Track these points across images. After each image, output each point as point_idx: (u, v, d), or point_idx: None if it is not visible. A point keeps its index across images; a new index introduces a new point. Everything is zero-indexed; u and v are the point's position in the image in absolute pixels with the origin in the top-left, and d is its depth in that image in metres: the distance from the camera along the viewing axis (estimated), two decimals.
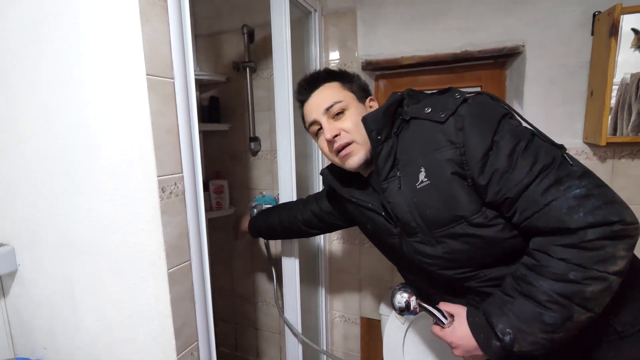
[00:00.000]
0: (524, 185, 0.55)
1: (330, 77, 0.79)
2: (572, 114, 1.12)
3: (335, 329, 1.55)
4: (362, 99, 0.79)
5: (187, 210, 0.74)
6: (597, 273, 0.51)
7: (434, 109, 0.64)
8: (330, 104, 0.75)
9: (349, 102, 0.76)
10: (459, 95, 0.63)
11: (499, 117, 0.59)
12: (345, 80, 0.79)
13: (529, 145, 0.56)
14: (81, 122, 0.73)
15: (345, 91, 0.77)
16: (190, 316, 0.77)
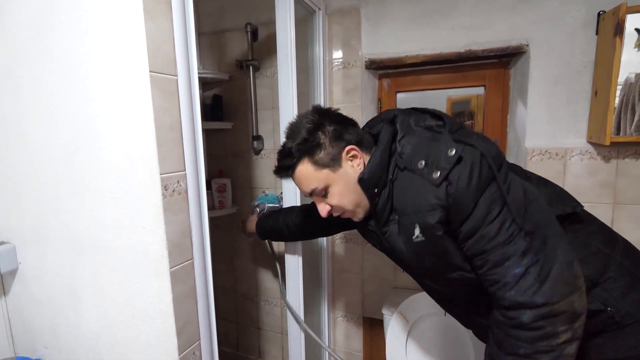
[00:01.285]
0: (483, 251, 0.61)
1: (297, 155, 0.71)
2: (576, 114, 1.11)
3: (337, 328, 1.54)
4: (337, 161, 0.71)
5: (190, 208, 0.73)
6: (545, 348, 0.56)
7: (428, 164, 0.63)
8: (310, 191, 0.74)
9: (326, 180, 0.71)
10: (453, 151, 0.60)
11: (486, 184, 0.61)
12: (315, 150, 0.70)
13: (496, 217, 0.60)
14: (85, 120, 0.72)
15: (319, 170, 0.71)
16: (193, 315, 0.76)
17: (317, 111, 0.74)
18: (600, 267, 0.65)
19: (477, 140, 0.63)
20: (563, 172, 1.13)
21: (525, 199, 0.62)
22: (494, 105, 1.30)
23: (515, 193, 0.61)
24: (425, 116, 0.71)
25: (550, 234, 0.60)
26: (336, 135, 0.71)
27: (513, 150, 1.26)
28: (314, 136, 0.71)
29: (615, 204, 1.09)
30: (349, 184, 0.72)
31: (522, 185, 0.64)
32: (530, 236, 0.58)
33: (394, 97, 1.42)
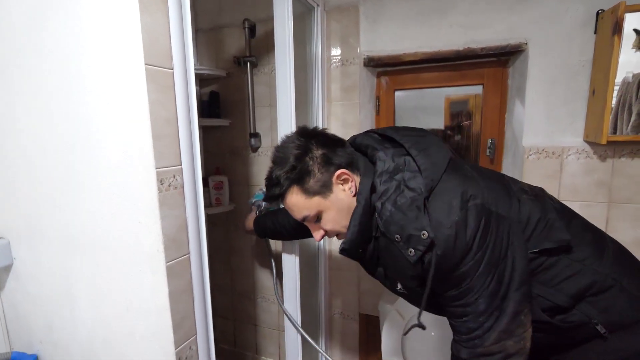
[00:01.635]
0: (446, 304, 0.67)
1: (286, 184, 0.70)
2: (574, 113, 1.11)
3: (334, 325, 1.54)
4: (328, 187, 0.69)
5: (186, 203, 0.73)
6: None
7: (403, 239, 0.62)
8: (302, 218, 0.73)
9: (318, 207, 0.70)
10: (426, 234, 0.60)
11: (453, 268, 0.62)
12: (305, 178, 0.68)
13: (468, 284, 0.63)
14: (80, 114, 0.72)
15: (309, 199, 0.70)
16: (189, 310, 0.76)
17: (302, 134, 0.72)
18: (586, 284, 0.64)
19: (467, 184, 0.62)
20: (559, 170, 1.13)
21: (503, 251, 0.61)
22: (492, 104, 1.30)
23: (495, 248, 0.61)
24: (407, 160, 0.66)
25: (512, 289, 0.62)
26: (325, 160, 0.69)
27: (510, 149, 1.27)
28: (302, 163, 0.69)
29: (610, 202, 1.10)
30: (342, 209, 0.71)
31: (508, 232, 0.62)
32: (492, 296, 0.62)
33: (393, 96, 1.42)
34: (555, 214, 0.68)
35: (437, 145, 0.68)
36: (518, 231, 0.63)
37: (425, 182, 0.62)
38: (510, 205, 0.66)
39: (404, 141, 0.68)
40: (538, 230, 0.66)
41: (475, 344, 0.64)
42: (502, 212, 0.63)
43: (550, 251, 0.65)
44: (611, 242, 0.71)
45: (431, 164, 0.64)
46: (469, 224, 0.60)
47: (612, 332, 0.64)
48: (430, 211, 0.61)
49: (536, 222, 0.66)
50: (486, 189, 0.64)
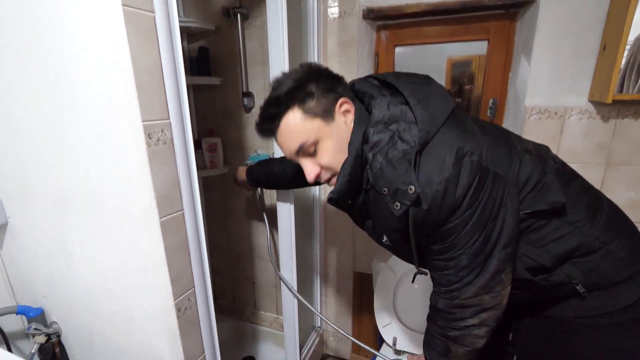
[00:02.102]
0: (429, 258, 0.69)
1: (286, 102, 0.65)
2: (581, 72, 1.06)
3: (329, 282, 1.60)
4: (330, 113, 0.65)
5: (177, 159, 0.71)
6: (454, 326, 0.69)
7: (390, 192, 0.61)
8: (298, 147, 0.66)
9: (318, 132, 0.65)
10: (412, 188, 0.58)
11: (438, 224, 0.61)
12: (307, 98, 0.64)
13: (452, 241, 0.63)
14: (57, 64, 0.67)
15: (310, 120, 0.64)
16: (186, 265, 0.77)
17: (305, 65, 0.69)
18: (573, 246, 0.64)
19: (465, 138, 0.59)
20: (560, 132, 1.11)
21: (495, 211, 0.60)
22: (496, 61, 1.24)
23: (487, 208, 0.59)
24: (405, 109, 0.62)
25: (497, 249, 0.61)
26: (328, 88, 0.66)
27: (512, 109, 1.23)
28: (305, 85, 0.65)
29: (607, 164, 1.09)
30: (341, 141, 0.66)
31: (503, 193, 0.60)
32: (475, 254, 0.62)
33: (392, 52, 1.35)
34: (554, 176, 0.66)
35: (439, 95, 0.64)
36: (513, 192, 0.62)
37: (419, 135, 0.59)
38: (510, 165, 0.63)
39: (403, 89, 0.63)
40: (534, 192, 0.64)
41: (453, 295, 0.66)
42: (500, 172, 0.61)
43: (543, 213, 0.64)
44: (608, 205, 0.70)
45: (429, 116, 0.60)
46: (460, 180, 0.57)
47: (591, 291, 0.65)
48: (421, 165, 0.59)
49: (534, 184, 0.64)
50: (486, 146, 0.61)
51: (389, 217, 0.64)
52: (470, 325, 0.67)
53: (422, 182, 0.58)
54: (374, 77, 0.71)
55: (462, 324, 0.67)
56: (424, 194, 0.58)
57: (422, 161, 0.59)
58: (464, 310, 0.66)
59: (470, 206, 0.59)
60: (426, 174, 0.58)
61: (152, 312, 0.78)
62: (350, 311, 1.60)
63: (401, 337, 1.26)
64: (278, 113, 0.66)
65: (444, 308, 0.69)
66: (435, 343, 0.73)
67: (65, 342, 1.01)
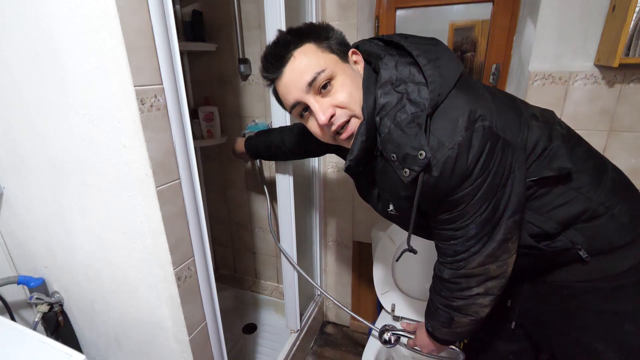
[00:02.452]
0: (436, 227, 0.68)
1: (300, 38, 0.61)
2: (588, 33, 1.02)
3: (328, 251, 1.62)
4: (344, 55, 0.63)
5: (172, 126, 0.69)
6: (459, 296, 0.69)
7: (398, 158, 0.59)
8: (313, 77, 0.59)
9: (334, 66, 0.60)
10: (423, 154, 0.55)
11: (449, 191, 0.59)
12: (321, 37, 0.61)
13: (462, 210, 0.61)
14: (44, 27, 0.63)
15: (324, 54, 0.61)
16: (185, 234, 0.77)
17: (317, 22, 0.67)
18: (577, 211, 0.63)
19: (477, 105, 0.56)
20: (563, 98, 1.08)
21: (504, 179, 0.59)
22: (500, 24, 1.19)
23: (497, 176, 0.58)
24: (413, 70, 0.59)
25: (505, 217, 0.61)
26: (342, 41, 0.65)
27: (515, 74, 1.19)
28: (320, 27, 0.63)
29: (610, 131, 1.07)
30: (356, 80, 0.62)
31: (511, 160, 0.59)
32: (484, 222, 0.61)
33: (394, 15, 1.28)
34: (560, 142, 0.64)
35: (449, 56, 0.60)
36: (521, 159, 0.60)
37: (430, 97, 0.56)
38: (519, 132, 0.61)
39: (411, 48, 0.60)
40: (541, 159, 0.63)
41: (460, 265, 0.66)
42: (509, 139, 0.58)
43: (549, 179, 0.62)
44: (612, 170, 0.69)
45: (440, 76, 0.57)
46: (472, 146, 0.55)
47: (593, 256, 0.65)
48: (432, 129, 0.56)
49: (541, 151, 0.63)
50: (496, 111, 0.59)
51: (397, 184, 0.63)
52: (475, 294, 0.67)
53: (433, 146, 0.56)
54: (378, 39, 0.67)
55: (467, 293, 0.67)
56: (434, 159, 0.56)
57: (433, 125, 0.56)
58: (469, 279, 0.66)
59: (481, 174, 0.57)
60: (437, 137, 0.56)
61: (153, 280, 0.78)
62: (350, 280, 1.64)
63: (400, 303, 1.29)
64: (289, 45, 0.61)
65: (449, 278, 0.68)
66: (439, 314, 0.73)
67: (68, 310, 1.03)
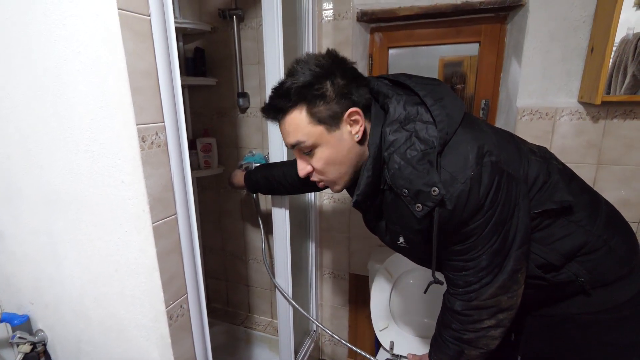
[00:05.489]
0: (447, 259, 0.68)
1: (295, 99, 0.62)
2: (570, 72, 1.08)
3: (324, 284, 1.59)
4: (336, 119, 0.63)
5: (171, 161, 0.69)
6: (471, 329, 0.68)
7: (410, 194, 0.60)
8: (295, 143, 0.65)
9: (318, 138, 0.64)
10: (436, 190, 0.57)
11: (462, 224, 0.61)
12: (317, 100, 0.61)
13: (474, 241, 0.63)
14: (51, 65, 0.65)
15: (312, 125, 0.63)
16: (179, 270, 0.75)
17: (331, 56, 0.64)
18: (578, 244, 0.65)
19: (482, 141, 0.59)
20: (551, 132, 1.12)
21: (511, 211, 0.61)
22: (487, 62, 1.25)
23: (505, 208, 0.60)
24: (420, 109, 0.61)
25: (514, 248, 0.62)
26: (344, 92, 0.63)
27: (504, 110, 1.24)
28: (320, 83, 0.62)
29: (599, 164, 1.11)
30: (340, 152, 0.65)
31: (516, 193, 0.61)
32: (495, 254, 0.62)
33: (386, 53, 1.35)
34: (558, 175, 0.67)
35: (452, 96, 0.64)
36: (524, 191, 0.63)
37: (439, 135, 0.58)
38: (520, 165, 0.64)
39: (418, 89, 0.63)
40: (542, 192, 0.65)
41: (471, 297, 0.65)
42: (513, 172, 0.62)
43: (552, 212, 0.65)
44: (605, 204, 0.72)
45: (447, 116, 0.60)
46: (483, 180, 0.58)
47: (595, 288, 0.66)
48: (442, 164, 0.58)
49: (542, 184, 0.65)
50: (500, 147, 0.62)
51: (408, 218, 0.64)
52: (487, 326, 0.67)
53: (445, 181, 0.58)
54: (385, 77, 0.71)
55: (479, 325, 0.67)
56: (448, 193, 0.57)
57: (443, 160, 0.59)
58: (481, 311, 0.66)
59: (491, 206, 0.59)
60: (449, 172, 0.58)
61: (143, 320, 0.76)
62: (347, 314, 1.60)
63: (398, 341, 1.25)
64: (284, 107, 0.64)
65: (461, 310, 0.67)
66: (447, 347, 0.72)
67: (51, 350, 0.98)
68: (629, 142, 1.06)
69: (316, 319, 1.59)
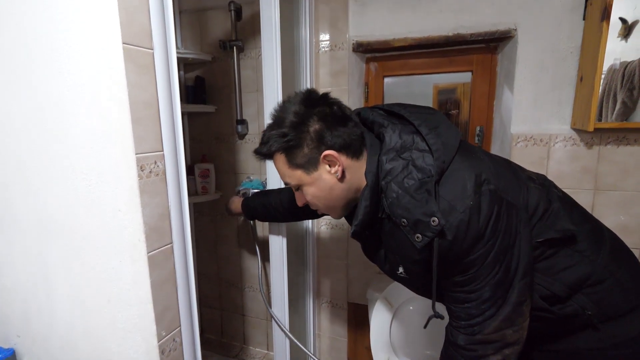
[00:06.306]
0: (449, 289, 0.66)
1: (274, 149, 0.68)
2: (561, 100, 1.12)
3: (322, 313, 1.55)
4: (313, 163, 0.66)
5: (169, 190, 0.70)
6: None
7: (409, 224, 0.60)
8: (284, 182, 0.73)
9: (299, 180, 0.69)
10: (436, 221, 0.57)
11: (463, 254, 0.61)
12: (292, 149, 0.66)
13: (475, 272, 0.61)
14: (53, 94, 0.67)
15: (292, 170, 0.68)
16: (172, 301, 0.74)
17: (306, 101, 0.67)
18: (584, 274, 0.64)
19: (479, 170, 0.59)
20: (546, 158, 1.15)
21: (512, 240, 0.60)
22: (480, 90, 1.30)
23: (505, 237, 0.59)
24: (416, 138, 0.63)
25: (517, 279, 0.61)
26: (318, 138, 0.65)
27: (498, 136, 1.27)
28: (295, 133, 0.65)
29: (595, 190, 1.12)
30: (323, 189, 0.69)
31: (517, 221, 0.60)
32: (497, 285, 0.60)
33: (382, 82, 1.40)
34: (559, 204, 0.67)
35: (447, 124, 0.65)
36: (525, 219, 0.62)
37: (436, 164, 0.59)
38: (519, 193, 0.64)
39: (412, 118, 0.64)
40: (543, 220, 0.65)
41: (474, 330, 0.63)
42: (512, 200, 0.61)
43: (554, 241, 0.64)
44: (607, 232, 0.71)
45: (442, 144, 0.60)
46: (482, 209, 0.57)
47: (603, 322, 0.65)
48: (441, 193, 0.58)
49: (542, 212, 0.65)
50: (497, 174, 0.62)
51: (407, 248, 0.63)
52: None
53: (444, 210, 0.57)
54: (379, 108, 0.72)
55: None
56: (447, 222, 0.57)
57: (441, 189, 0.59)
58: (486, 346, 0.63)
59: (492, 236, 0.58)
60: (448, 201, 0.58)
61: (134, 354, 0.73)
62: (345, 345, 1.54)
63: None
64: (267, 153, 0.70)
65: (465, 345, 0.65)
66: None
67: None
68: (624, 168, 1.08)
69: (314, 351, 1.53)
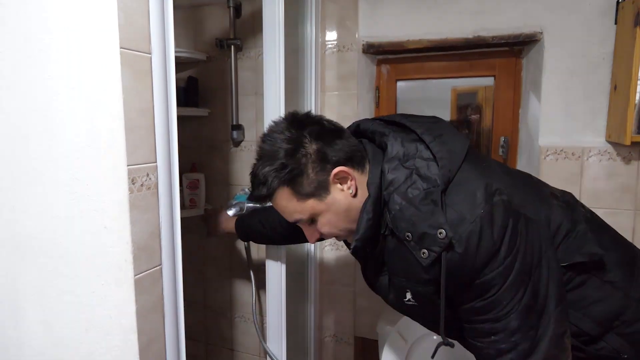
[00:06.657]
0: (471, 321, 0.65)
1: (275, 184, 0.67)
2: (594, 110, 1.15)
3: (324, 350, 1.54)
4: (324, 186, 0.67)
5: (160, 206, 0.72)
6: None
7: (414, 238, 0.61)
8: (293, 221, 0.73)
9: (312, 211, 0.69)
10: (443, 233, 0.58)
11: (477, 272, 0.60)
12: (297, 179, 0.66)
13: (496, 294, 0.61)
14: (41, 99, 0.70)
15: (302, 202, 0.68)
16: (159, 331, 0.75)
17: (293, 124, 0.69)
18: (615, 309, 0.64)
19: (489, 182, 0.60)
20: (580, 174, 1.17)
21: (537, 258, 0.60)
22: (504, 98, 1.34)
23: (527, 254, 0.59)
24: (420, 147, 0.65)
25: (551, 305, 0.60)
26: (321, 157, 0.66)
27: (525, 148, 1.30)
28: (294, 160, 0.66)
29: (636, 210, 1.14)
30: (339, 212, 0.69)
31: (539, 238, 0.60)
32: (526, 311, 0.59)
33: (394, 86, 1.44)
34: (586, 225, 0.67)
35: (452, 132, 0.67)
36: (549, 237, 0.62)
37: (442, 173, 0.60)
38: (540, 209, 0.65)
39: (414, 127, 0.67)
40: (568, 242, 0.64)
41: None
42: (531, 215, 0.61)
43: (581, 266, 0.64)
44: None
45: (448, 152, 0.62)
46: (495, 220, 0.58)
47: None
48: (448, 203, 0.59)
49: (566, 232, 0.65)
50: (512, 187, 0.63)
51: (414, 267, 0.63)
52: None
53: (453, 220, 0.58)
54: (379, 119, 0.76)
55: None
56: (456, 234, 0.58)
57: (448, 199, 0.60)
58: None
59: (509, 253, 0.58)
60: (456, 212, 0.59)
61: None
62: None
63: None
64: (267, 194, 0.69)
65: None
66: None
67: None
68: None
69: None
